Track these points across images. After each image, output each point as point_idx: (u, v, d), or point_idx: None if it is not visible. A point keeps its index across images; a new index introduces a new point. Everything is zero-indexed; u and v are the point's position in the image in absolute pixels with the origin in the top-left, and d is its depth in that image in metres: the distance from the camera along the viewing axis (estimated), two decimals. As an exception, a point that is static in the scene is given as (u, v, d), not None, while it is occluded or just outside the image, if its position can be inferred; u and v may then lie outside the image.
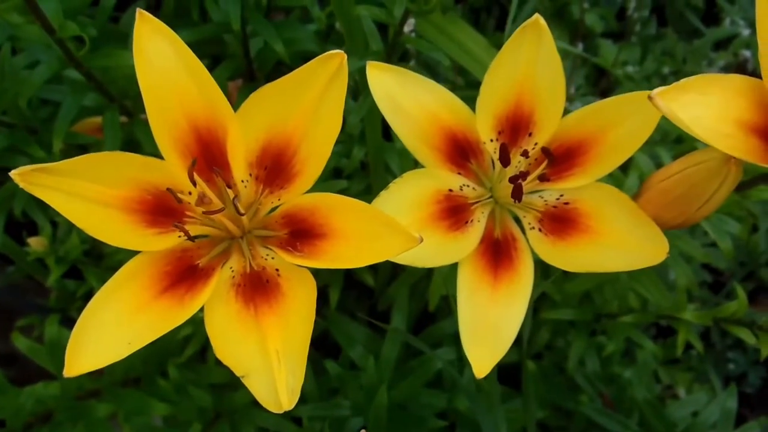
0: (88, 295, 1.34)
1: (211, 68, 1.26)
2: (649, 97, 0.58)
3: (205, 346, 1.28)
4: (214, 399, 1.24)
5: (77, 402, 1.08)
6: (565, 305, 1.33)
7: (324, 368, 1.23)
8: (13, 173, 0.63)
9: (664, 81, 1.78)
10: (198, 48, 1.29)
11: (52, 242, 1.23)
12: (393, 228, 0.64)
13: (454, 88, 1.53)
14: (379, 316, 1.41)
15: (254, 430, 1.26)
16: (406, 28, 1.15)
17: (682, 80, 0.59)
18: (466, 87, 1.61)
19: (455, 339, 1.30)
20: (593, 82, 1.83)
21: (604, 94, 1.81)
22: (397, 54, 1.15)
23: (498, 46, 1.31)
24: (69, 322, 1.34)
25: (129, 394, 1.14)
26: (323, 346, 1.43)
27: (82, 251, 1.21)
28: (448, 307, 1.36)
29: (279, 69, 1.35)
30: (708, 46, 1.83)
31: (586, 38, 1.84)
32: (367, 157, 1.25)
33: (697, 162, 0.71)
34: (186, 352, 1.23)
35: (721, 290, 1.83)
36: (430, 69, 1.56)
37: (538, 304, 1.38)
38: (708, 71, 1.80)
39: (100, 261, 1.30)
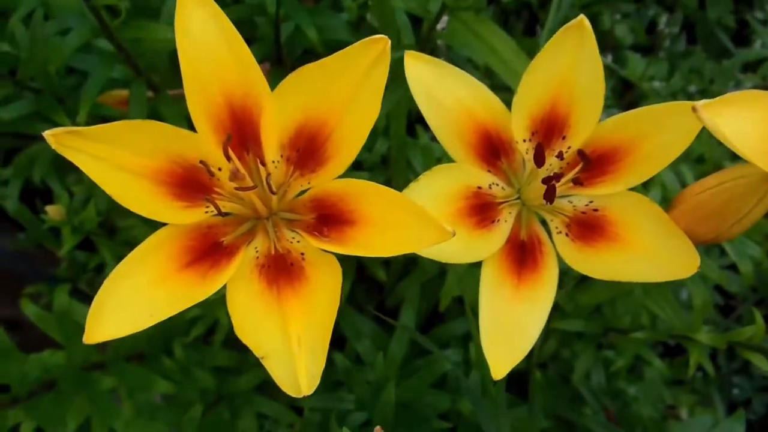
0: (99, 268, 1.34)
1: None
2: (693, 109, 0.57)
3: (212, 329, 1.28)
4: (217, 382, 1.24)
5: (82, 373, 1.08)
6: (576, 316, 1.32)
7: (328, 359, 1.22)
8: (46, 134, 0.63)
9: (690, 99, 1.77)
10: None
11: (70, 205, 1.22)
12: (426, 220, 0.63)
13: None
14: (387, 312, 1.40)
15: (254, 415, 1.26)
16: (438, 26, 1.14)
17: (728, 94, 0.58)
18: (493, 89, 1.60)
19: (463, 341, 1.30)
20: (619, 94, 1.82)
21: (630, 106, 1.78)
22: (426, 51, 1.14)
23: (525, 50, 1.31)
24: (77, 294, 1.35)
25: (133, 369, 1.13)
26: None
27: (98, 223, 1.20)
28: (457, 308, 1.35)
29: (307, 57, 1.34)
30: (736, 67, 1.81)
31: (615, 50, 1.83)
32: (389, 152, 1.24)
33: (735, 177, 0.69)
34: (192, 333, 1.23)
35: (731, 314, 1.82)
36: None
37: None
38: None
39: (113, 235, 1.30)
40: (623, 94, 1.83)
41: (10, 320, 1.54)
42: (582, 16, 0.73)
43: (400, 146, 1.19)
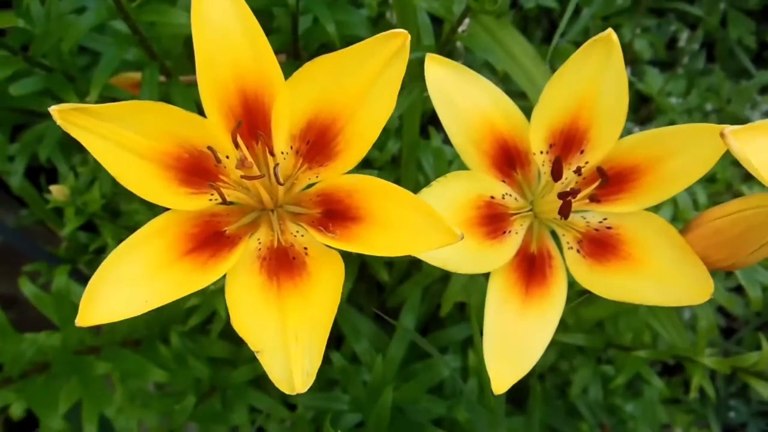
0: (100, 250, 1.33)
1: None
2: (722, 134, 0.56)
3: (210, 319, 1.27)
4: (211, 373, 1.22)
5: (76, 356, 1.06)
6: (578, 329, 1.30)
7: (325, 357, 1.21)
8: (52, 109, 0.61)
9: (706, 117, 1.76)
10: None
11: (75, 186, 1.21)
12: (434, 221, 0.61)
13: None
14: (387, 313, 1.39)
15: (247, 408, 1.25)
16: (459, 28, 1.12)
17: (759, 122, 0.56)
18: (508, 95, 1.58)
19: (462, 347, 1.28)
20: (634, 108, 1.80)
21: (644, 121, 1.78)
22: (444, 52, 1.12)
23: (544, 58, 1.29)
24: (76, 275, 1.33)
25: (128, 355, 1.12)
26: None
27: (102, 206, 1.19)
28: (457, 313, 1.34)
29: (323, 51, 1.33)
30: (755, 88, 1.79)
31: (633, 63, 1.81)
32: (400, 152, 1.22)
33: (757, 205, 0.68)
34: (190, 322, 1.22)
35: (731, 336, 1.80)
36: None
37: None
38: (751, 114, 1.77)
39: (116, 218, 1.29)
40: (638, 109, 1.81)
41: (7, 297, 1.53)
42: (610, 30, 0.71)
43: (411, 147, 1.18)
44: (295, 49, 1.25)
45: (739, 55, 1.88)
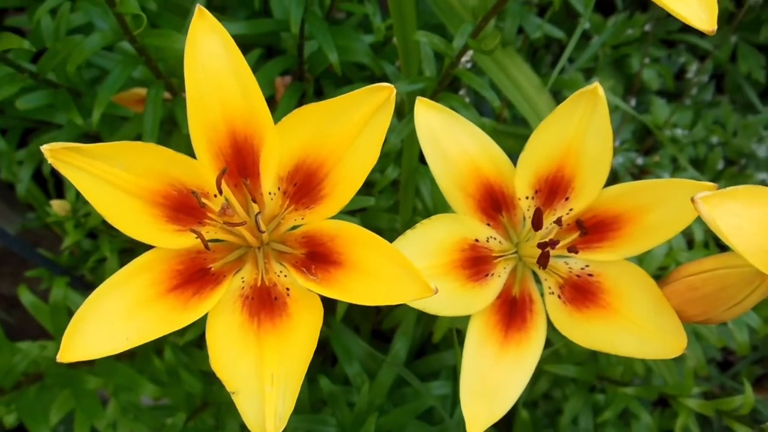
0: (102, 261, 1.34)
1: (263, 61, 1.26)
2: (692, 200, 0.57)
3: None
4: (204, 387, 1.23)
5: (69, 369, 1.08)
6: (570, 360, 1.31)
7: (317, 377, 1.22)
8: (44, 148, 0.63)
9: (711, 150, 1.76)
10: (254, 38, 1.27)
11: (76, 201, 1.23)
12: (410, 273, 0.63)
13: (498, 121, 1.51)
14: (383, 334, 1.40)
15: (238, 425, 1.26)
16: (463, 59, 1.13)
17: (729, 188, 0.58)
18: (512, 122, 1.60)
19: (453, 373, 1.29)
20: (639, 138, 1.80)
21: (649, 152, 1.78)
22: (448, 80, 1.14)
23: (550, 86, 1.30)
24: (77, 282, 1.35)
25: (121, 369, 1.13)
26: (321, 351, 1.42)
27: (101, 220, 1.20)
28: (453, 337, 1.35)
29: (329, 73, 1.34)
30: (761, 123, 1.79)
31: (640, 93, 1.81)
32: (400, 177, 1.23)
33: (732, 265, 0.68)
34: (186, 336, 1.23)
35: (729, 368, 1.80)
36: (478, 98, 1.54)
37: (542, 354, 1.36)
38: (757, 149, 1.77)
39: (117, 231, 1.30)
40: (643, 139, 1.81)
41: (10, 298, 1.55)
42: (596, 84, 0.72)
43: (410, 174, 1.19)
44: (300, 71, 1.26)
45: (747, 90, 1.88)
